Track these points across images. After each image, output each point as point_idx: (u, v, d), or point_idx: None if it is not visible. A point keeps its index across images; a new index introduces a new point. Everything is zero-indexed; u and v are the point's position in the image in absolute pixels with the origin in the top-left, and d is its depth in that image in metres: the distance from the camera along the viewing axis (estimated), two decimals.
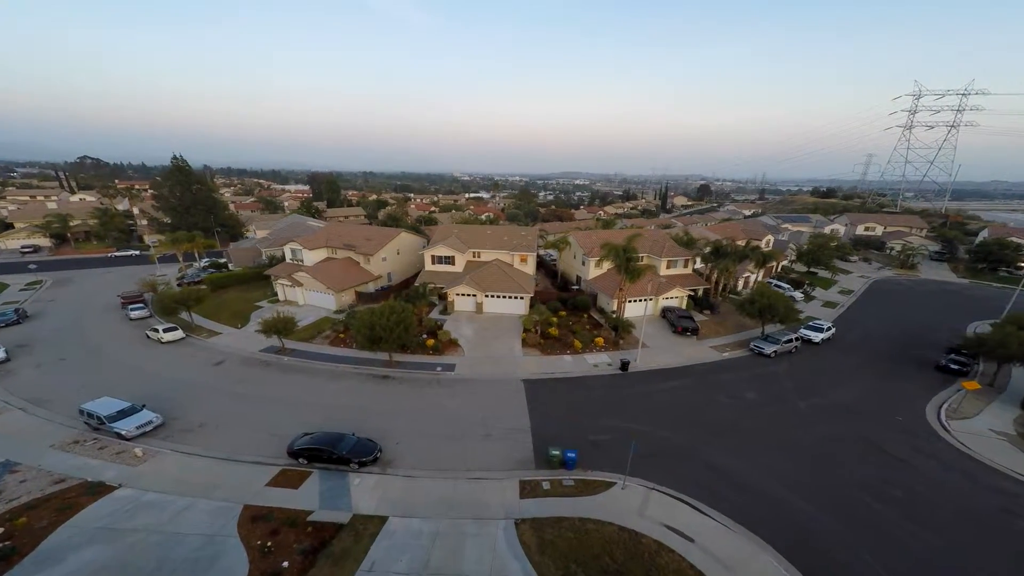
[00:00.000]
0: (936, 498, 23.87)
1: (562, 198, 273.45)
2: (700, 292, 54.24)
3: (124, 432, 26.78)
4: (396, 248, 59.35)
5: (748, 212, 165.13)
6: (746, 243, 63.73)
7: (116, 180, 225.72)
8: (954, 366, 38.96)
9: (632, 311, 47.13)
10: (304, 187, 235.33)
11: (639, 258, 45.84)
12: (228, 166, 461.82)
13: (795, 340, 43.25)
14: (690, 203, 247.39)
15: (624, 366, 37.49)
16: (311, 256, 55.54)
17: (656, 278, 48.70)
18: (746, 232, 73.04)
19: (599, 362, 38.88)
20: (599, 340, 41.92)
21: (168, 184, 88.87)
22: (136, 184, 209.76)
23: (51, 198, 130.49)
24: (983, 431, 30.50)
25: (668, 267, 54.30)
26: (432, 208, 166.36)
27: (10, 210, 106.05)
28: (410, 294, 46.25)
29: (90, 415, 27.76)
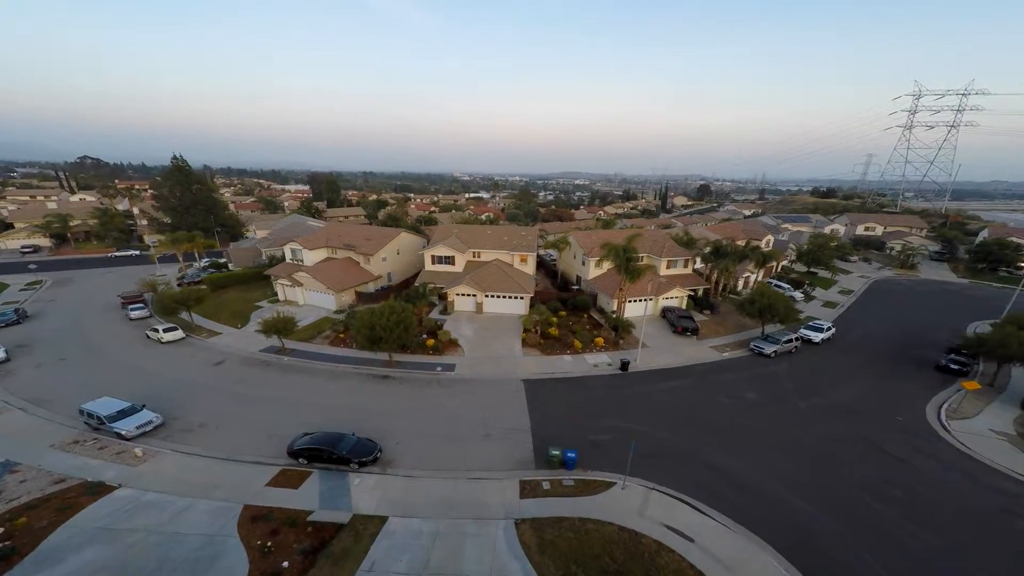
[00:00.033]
0: (936, 498, 23.87)
1: (562, 198, 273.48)
2: (700, 292, 54.24)
3: (124, 432, 26.80)
4: (396, 248, 59.37)
5: (748, 212, 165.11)
6: (746, 243, 63.73)
7: (116, 180, 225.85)
8: (954, 366, 38.95)
9: (632, 311, 47.13)
10: (304, 187, 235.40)
11: (639, 258, 45.84)
12: (228, 166, 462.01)
13: (795, 340, 43.25)
14: (690, 203, 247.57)
15: (624, 366, 37.50)
16: (311, 256, 55.55)
17: (656, 278, 48.69)
18: (746, 232, 73.06)
19: (599, 362, 38.89)
20: (599, 340, 41.92)
21: (168, 184, 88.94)
22: (136, 184, 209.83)
23: (51, 198, 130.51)
24: (983, 431, 30.50)
25: (668, 267, 54.32)
26: (432, 208, 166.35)
27: (10, 210, 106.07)
28: (410, 294, 46.23)
29: (90, 415, 27.78)
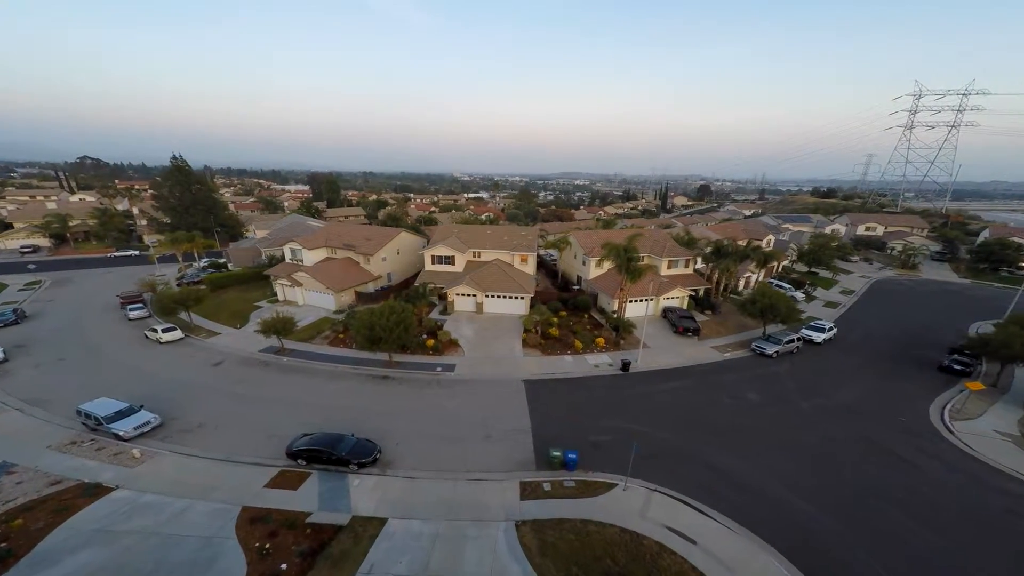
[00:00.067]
0: (939, 499, 23.71)
1: (562, 198, 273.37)
2: (701, 292, 54.09)
3: (122, 433, 26.63)
4: (396, 248, 59.23)
5: (748, 212, 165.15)
6: (747, 243, 63.65)
7: (116, 180, 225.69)
8: (957, 366, 38.77)
9: (633, 311, 46.96)
10: (304, 187, 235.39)
11: (640, 258, 45.73)
12: (228, 166, 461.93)
13: (797, 340, 43.09)
14: (690, 203, 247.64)
15: (625, 366, 37.33)
16: (311, 256, 55.40)
17: (657, 278, 48.53)
18: (747, 232, 72.98)
19: (600, 362, 38.71)
20: (600, 340, 41.76)
21: (168, 184, 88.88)
22: (136, 184, 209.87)
23: (51, 198, 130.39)
24: (987, 432, 30.30)
25: (669, 267, 54.19)
26: (432, 208, 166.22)
27: (10, 210, 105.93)
28: (410, 294, 46.05)
29: (88, 416, 27.62)
